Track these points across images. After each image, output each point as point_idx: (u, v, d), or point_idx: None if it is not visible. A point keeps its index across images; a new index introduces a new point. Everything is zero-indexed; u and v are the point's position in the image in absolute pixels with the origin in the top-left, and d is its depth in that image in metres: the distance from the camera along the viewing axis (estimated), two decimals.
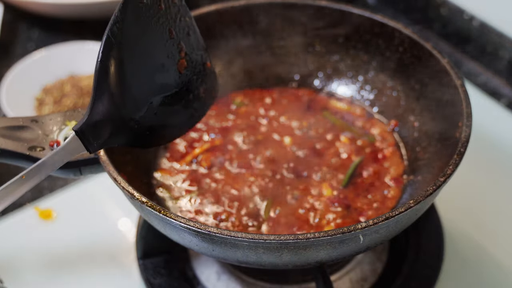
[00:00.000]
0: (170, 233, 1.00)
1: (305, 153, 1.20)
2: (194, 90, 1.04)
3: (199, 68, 1.04)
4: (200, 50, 1.05)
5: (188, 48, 1.02)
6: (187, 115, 1.04)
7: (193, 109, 1.05)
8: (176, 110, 1.02)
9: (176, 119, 1.03)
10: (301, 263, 0.97)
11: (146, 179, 1.16)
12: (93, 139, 0.93)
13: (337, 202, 1.12)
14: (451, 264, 1.21)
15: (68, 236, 1.28)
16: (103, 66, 0.91)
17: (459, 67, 1.67)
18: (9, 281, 1.21)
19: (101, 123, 0.93)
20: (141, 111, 0.96)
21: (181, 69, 1.01)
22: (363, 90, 1.29)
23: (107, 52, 0.90)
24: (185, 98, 1.03)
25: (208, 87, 1.06)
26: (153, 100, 0.98)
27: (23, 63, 1.58)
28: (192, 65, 1.03)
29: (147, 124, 0.98)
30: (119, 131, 0.95)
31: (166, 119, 1.01)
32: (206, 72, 1.06)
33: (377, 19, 1.23)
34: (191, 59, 1.03)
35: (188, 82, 1.03)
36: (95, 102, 0.91)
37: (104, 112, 0.92)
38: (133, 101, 0.95)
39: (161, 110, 0.99)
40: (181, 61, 1.01)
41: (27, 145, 1.07)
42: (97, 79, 0.91)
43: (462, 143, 1.02)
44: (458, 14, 1.71)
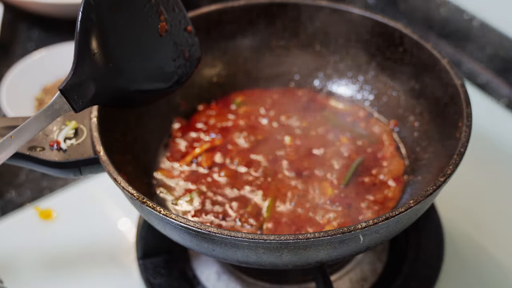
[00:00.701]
0: (170, 233, 1.00)
1: (305, 153, 1.20)
2: (177, 54, 1.09)
3: (180, 33, 1.09)
4: (180, 16, 1.10)
5: (168, 12, 1.07)
6: (171, 77, 1.09)
7: (176, 72, 1.09)
8: (159, 71, 1.07)
9: (160, 80, 1.08)
10: (301, 263, 0.97)
11: (146, 179, 1.16)
12: (78, 97, 0.97)
13: (338, 202, 1.12)
14: (451, 264, 1.21)
15: (68, 236, 1.28)
16: (83, 26, 0.96)
17: (459, 67, 1.67)
18: (9, 281, 1.21)
19: (85, 82, 0.97)
20: (124, 71, 1.01)
21: (162, 32, 1.06)
22: (363, 90, 1.29)
23: (87, 13, 0.96)
24: (168, 61, 1.08)
25: (191, 51, 1.11)
26: (135, 61, 1.03)
27: (23, 63, 1.58)
28: (173, 29, 1.08)
29: (131, 84, 1.03)
30: (103, 90, 1.00)
31: (150, 79, 1.06)
32: (187, 36, 1.11)
33: (377, 19, 1.23)
34: (171, 24, 1.08)
35: (170, 46, 1.08)
36: (78, 61, 0.97)
37: (87, 71, 0.97)
38: (115, 61, 1.00)
39: (145, 70, 1.05)
40: (161, 24, 1.06)
41: (27, 145, 1.07)
42: (78, 39, 0.96)
43: (462, 143, 1.02)
44: (458, 14, 1.71)
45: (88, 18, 0.97)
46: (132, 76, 1.03)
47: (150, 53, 1.06)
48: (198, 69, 1.15)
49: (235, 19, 1.29)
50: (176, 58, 1.09)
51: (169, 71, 1.08)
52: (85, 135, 1.09)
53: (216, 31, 1.28)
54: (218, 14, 1.27)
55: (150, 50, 1.06)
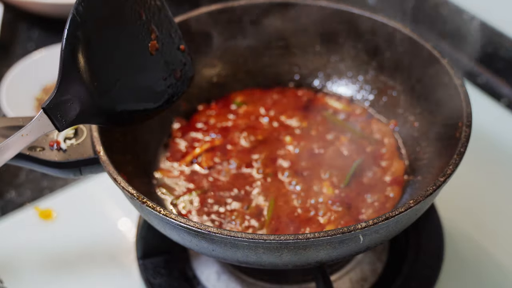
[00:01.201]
0: (170, 233, 1.00)
1: (306, 153, 1.20)
2: (168, 73, 1.06)
3: (172, 51, 1.07)
4: (173, 34, 1.07)
5: (160, 31, 1.05)
6: (161, 97, 1.06)
7: (167, 91, 1.07)
8: (148, 91, 1.04)
9: (149, 99, 1.05)
10: (301, 263, 0.97)
11: (146, 179, 1.16)
12: (61, 116, 0.94)
13: (338, 202, 1.12)
14: (451, 264, 1.21)
15: (68, 236, 1.28)
16: (68, 44, 0.93)
17: (459, 67, 1.67)
18: (9, 281, 1.21)
19: (69, 100, 0.94)
20: (110, 90, 0.98)
21: (153, 51, 1.03)
22: (363, 90, 1.29)
23: (73, 30, 0.94)
24: (158, 80, 1.05)
25: (183, 70, 1.09)
26: (123, 80, 1.00)
27: (23, 63, 1.58)
28: (164, 47, 1.05)
29: (118, 104, 1.00)
30: (89, 109, 0.96)
31: (138, 99, 1.03)
32: (180, 55, 1.08)
33: (377, 19, 1.23)
34: (163, 42, 1.05)
35: (161, 65, 1.05)
36: (62, 80, 0.94)
37: (72, 90, 0.94)
38: (102, 80, 0.97)
39: (133, 90, 1.01)
40: (152, 43, 1.03)
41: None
42: (63, 57, 0.93)
43: (462, 143, 1.02)
44: (458, 14, 1.71)
45: (74, 36, 0.94)
46: (119, 95, 1.00)
47: (139, 72, 1.02)
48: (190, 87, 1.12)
49: (235, 19, 1.29)
50: (167, 77, 1.06)
51: (159, 91, 1.05)
52: (85, 135, 1.09)
53: (216, 31, 1.28)
54: (218, 14, 1.27)
55: (139, 69, 1.02)
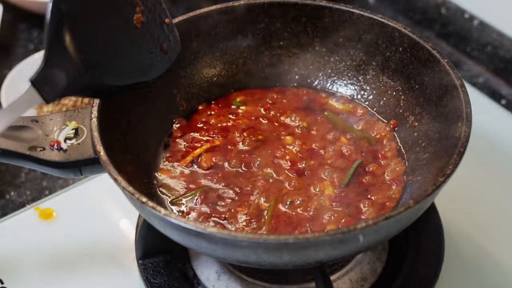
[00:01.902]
0: (170, 233, 1.00)
1: (306, 153, 1.20)
2: (154, 45, 1.09)
3: (158, 25, 1.09)
4: (158, 8, 1.10)
5: (144, 4, 1.07)
6: (148, 69, 1.08)
7: (154, 65, 1.09)
8: (135, 64, 1.06)
9: (136, 73, 1.07)
10: (301, 263, 0.97)
11: (147, 179, 1.16)
12: (49, 88, 0.96)
13: (338, 202, 1.12)
14: (451, 264, 1.21)
15: (68, 236, 1.28)
16: (53, 17, 0.95)
17: (459, 67, 1.67)
18: (9, 281, 1.21)
19: (56, 73, 0.96)
20: (97, 63, 1.00)
21: (138, 24, 1.06)
22: (363, 90, 1.29)
23: (57, 4, 0.95)
24: (144, 53, 1.08)
25: (170, 44, 1.11)
26: (108, 53, 1.02)
27: (23, 63, 1.58)
28: (149, 21, 1.08)
29: (104, 76, 1.02)
30: (76, 82, 0.98)
31: (125, 72, 1.05)
32: (166, 28, 1.11)
33: (377, 19, 1.23)
34: (148, 16, 1.07)
35: (147, 37, 1.08)
36: (49, 53, 0.96)
37: (58, 63, 0.96)
38: (87, 53, 0.98)
39: (119, 63, 1.04)
40: (137, 16, 1.06)
41: (27, 145, 1.07)
42: (48, 30, 0.95)
43: (462, 143, 1.02)
44: (458, 14, 1.71)
45: (58, 9, 0.96)
46: (105, 68, 1.02)
47: (125, 45, 1.05)
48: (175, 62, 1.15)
49: (235, 19, 1.29)
50: (152, 51, 1.08)
51: (146, 64, 1.08)
52: (85, 135, 1.09)
53: (216, 31, 1.28)
54: (218, 14, 1.27)
55: (125, 42, 1.05)
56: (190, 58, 1.28)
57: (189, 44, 1.27)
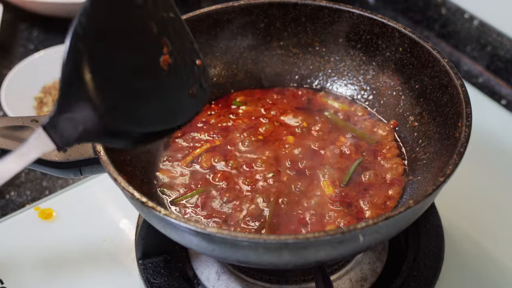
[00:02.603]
0: (170, 233, 1.00)
1: (306, 152, 1.20)
2: (183, 89, 0.98)
3: (188, 67, 0.99)
4: (188, 48, 1.00)
5: (173, 45, 0.97)
6: (174, 113, 0.98)
7: (182, 107, 0.99)
8: (161, 108, 0.96)
9: (160, 117, 0.96)
10: (301, 263, 0.97)
11: (147, 179, 1.16)
12: (61, 135, 0.87)
13: (338, 201, 1.12)
14: (451, 264, 1.21)
15: (68, 236, 1.28)
16: (70, 58, 0.86)
17: (459, 67, 1.67)
18: (9, 281, 1.21)
19: (71, 119, 0.87)
20: (116, 108, 0.90)
21: (165, 66, 0.95)
22: (363, 90, 1.29)
23: (75, 43, 0.86)
24: (170, 97, 0.97)
25: (200, 86, 1.00)
26: (131, 95, 0.92)
27: (23, 63, 1.58)
28: (178, 63, 0.97)
29: (125, 122, 0.91)
30: (92, 128, 0.88)
31: (147, 118, 0.94)
32: (196, 71, 1.00)
33: (377, 19, 1.23)
34: (176, 57, 0.97)
35: (174, 81, 0.97)
36: (63, 96, 0.87)
37: (73, 108, 0.87)
38: (106, 97, 0.88)
39: (142, 108, 0.93)
40: (164, 57, 0.95)
41: None
42: (64, 72, 0.87)
43: (462, 143, 1.02)
44: (458, 14, 1.71)
45: (76, 49, 0.86)
46: (126, 112, 0.91)
47: (149, 88, 0.94)
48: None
49: (235, 19, 1.29)
50: (180, 95, 0.97)
51: (172, 109, 0.97)
52: None
53: (216, 31, 1.28)
54: (218, 14, 1.27)
55: (149, 85, 0.94)
56: None
57: None
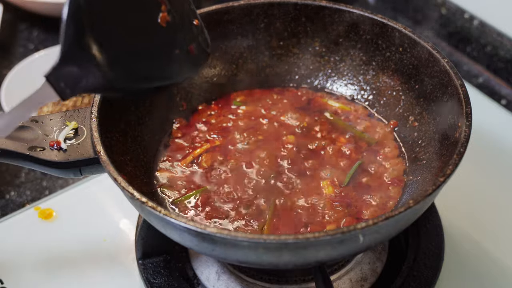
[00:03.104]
0: (170, 233, 1.00)
1: (306, 153, 1.20)
2: (182, 46, 1.04)
3: (186, 26, 1.05)
4: (186, 9, 1.06)
5: (171, 4, 1.03)
6: (175, 68, 1.04)
7: (181, 63, 1.05)
8: (160, 62, 1.02)
9: (160, 70, 1.02)
10: (301, 263, 0.97)
11: (147, 179, 1.16)
12: (65, 85, 0.91)
13: (338, 202, 1.12)
14: (451, 264, 1.21)
15: (68, 236, 1.28)
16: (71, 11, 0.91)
17: (459, 67, 1.67)
18: (9, 281, 1.21)
19: (73, 69, 0.91)
20: (117, 60, 0.95)
21: (163, 23, 1.02)
22: (363, 90, 1.29)
23: None
24: (170, 52, 1.03)
25: (198, 45, 1.07)
26: (132, 49, 0.97)
27: (23, 63, 1.58)
28: (177, 21, 1.03)
29: (126, 75, 0.96)
30: (94, 79, 0.93)
31: (147, 70, 1.00)
32: (194, 30, 1.07)
33: (377, 19, 1.23)
34: (175, 15, 1.03)
35: (174, 37, 1.04)
36: (65, 47, 0.90)
37: (75, 59, 0.91)
38: (107, 50, 0.93)
39: (142, 61, 0.99)
40: (162, 15, 1.02)
41: (27, 145, 1.07)
42: (66, 23, 0.90)
43: (462, 143, 1.02)
44: (458, 14, 1.71)
45: (77, 3, 0.91)
46: (127, 66, 0.97)
47: (149, 43, 1.00)
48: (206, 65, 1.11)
49: (235, 19, 1.29)
50: (179, 51, 1.04)
51: (172, 65, 1.03)
52: (85, 135, 1.09)
53: (216, 31, 1.28)
54: (218, 14, 1.27)
55: (149, 40, 1.00)
56: None
57: None
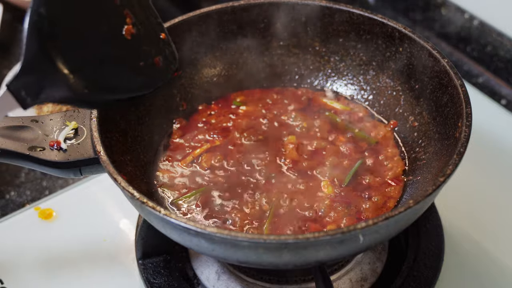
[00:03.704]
0: (170, 233, 1.00)
1: (306, 152, 1.20)
2: (146, 58, 1.06)
3: (153, 39, 1.07)
4: (153, 22, 1.08)
5: (136, 17, 1.04)
6: (138, 80, 1.05)
7: (145, 76, 1.06)
8: (123, 72, 1.03)
9: (124, 81, 1.03)
10: (301, 263, 0.97)
11: (147, 179, 1.16)
12: (26, 94, 0.90)
13: (338, 201, 1.12)
14: (451, 264, 1.21)
15: (68, 236, 1.28)
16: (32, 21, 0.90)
17: (459, 67, 1.67)
18: (9, 281, 1.21)
19: (34, 79, 0.90)
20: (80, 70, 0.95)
21: (128, 35, 1.03)
22: (363, 90, 1.29)
23: (37, 7, 0.90)
24: (134, 63, 1.04)
25: (164, 58, 1.08)
26: (95, 59, 0.98)
27: None
28: (142, 33, 1.05)
29: (88, 85, 0.96)
30: (57, 90, 0.93)
31: (109, 80, 1.01)
32: (160, 43, 1.08)
33: (377, 19, 1.23)
34: (140, 28, 1.05)
35: (139, 50, 1.05)
36: (26, 57, 0.90)
37: (37, 68, 0.90)
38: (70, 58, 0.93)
39: (106, 71, 0.99)
40: (127, 27, 1.03)
41: (27, 145, 1.07)
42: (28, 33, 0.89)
43: (462, 143, 1.02)
44: (458, 14, 1.71)
45: (38, 13, 0.90)
46: (90, 77, 0.96)
47: (113, 54, 1.01)
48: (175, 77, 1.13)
49: (235, 19, 1.29)
50: (145, 64, 1.05)
51: (136, 77, 1.04)
52: (85, 135, 1.09)
53: (216, 31, 1.28)
54: (218, 14, 1.27)
55: (113, 51, 1.01)
56: (190, 58, 1.28)
57: (189, 44, 1.27)
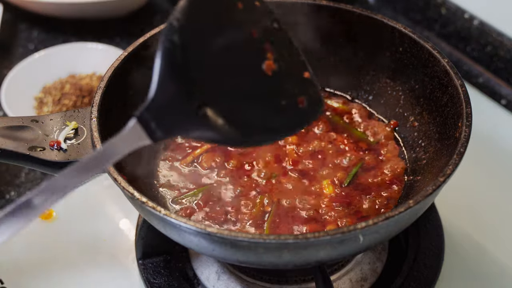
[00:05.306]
0: (170, 233, 1.00)
1: (306, 153, 1.20)
2: (289, 97, 0.98)
3: (295, 76, 1.00)
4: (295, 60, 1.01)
5: (278, 53, 0.98)
6: (279, 120, 0.97)
7: (287, 117, 0.97)
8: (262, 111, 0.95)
9: (262, 121, 0.95)
10: (301, 263, 0.97)
11: (147, 179, 1.16)
12: (156, 126, 0.85)
13: (339, 201, 1.12)
14: (451, 264, 1.21)
15: (68, 236, 1.28)
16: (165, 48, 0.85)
17: (459, 67, 1.67)
18: (9, 281, 1.21)
19: (166, 108, 0.85)
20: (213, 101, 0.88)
21: (269, 71, 0.96)
22: (363, 90, 1.29)
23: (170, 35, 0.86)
24: (275, 102, 0.96)
25: (308, 98, 0.99)
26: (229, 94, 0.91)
27: (23, 63, 1.58)
28: (283, 71, 0.98)
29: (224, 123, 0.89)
30: (187, 120, 0.87)
31: (247, 117, 0.93)
32: (304, 82, 1.01)
33: (377, 19, 1.23)
34: (281, 64, 0.98)
35: (279, 87, 0.97)
36: (158, 86, 0.84)
37: (169, 96, 0.85)
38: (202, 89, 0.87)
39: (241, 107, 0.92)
40: (268, 63, 0.96)
41: (27, 145, 1.07)
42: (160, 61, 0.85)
43: (462, 143, 1.02)
44: (458, 14, 1.71)
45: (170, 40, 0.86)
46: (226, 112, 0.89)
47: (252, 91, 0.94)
48: None
49: None
50: (286, 102, 0.97)
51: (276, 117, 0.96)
52: (85, 135, 1.09)
53: None
54: None
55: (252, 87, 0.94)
56: None
57: None
